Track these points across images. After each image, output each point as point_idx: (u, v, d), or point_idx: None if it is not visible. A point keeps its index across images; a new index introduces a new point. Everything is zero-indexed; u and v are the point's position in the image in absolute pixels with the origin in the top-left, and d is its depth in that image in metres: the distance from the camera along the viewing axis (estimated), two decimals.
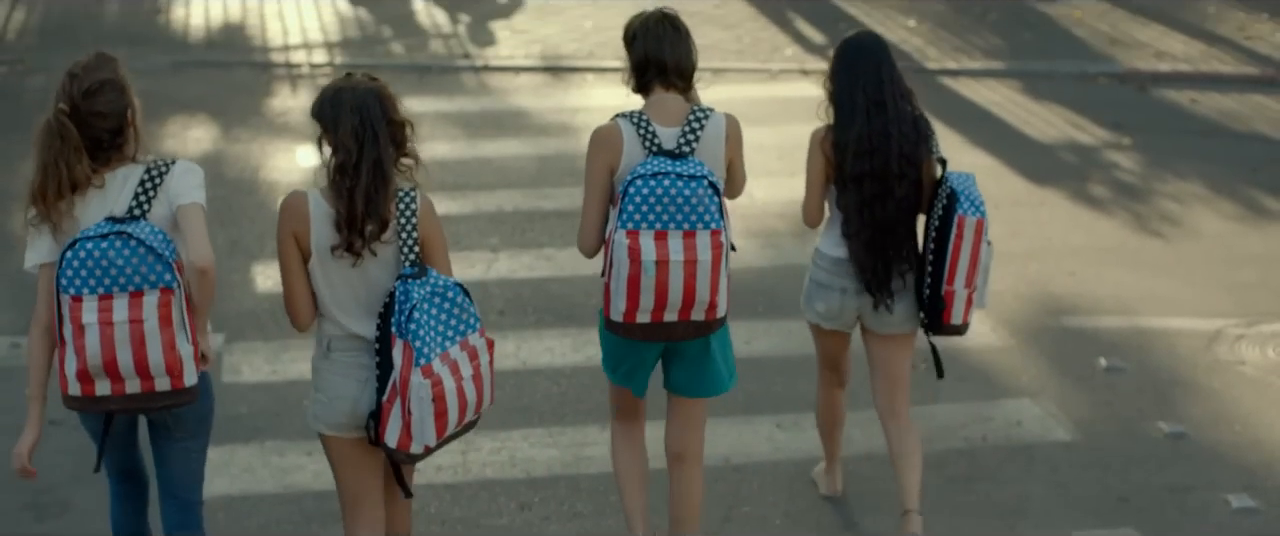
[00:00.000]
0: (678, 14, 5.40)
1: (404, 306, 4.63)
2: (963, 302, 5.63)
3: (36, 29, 13.21)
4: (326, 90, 4.84)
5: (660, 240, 5.02)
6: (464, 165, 10.15)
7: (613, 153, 5.21)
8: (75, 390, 4.69)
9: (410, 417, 4.64)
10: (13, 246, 8.91)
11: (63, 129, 4.75)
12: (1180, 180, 10.20)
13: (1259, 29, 13.75)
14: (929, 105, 11.58)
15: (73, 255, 4.60)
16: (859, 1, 14.42)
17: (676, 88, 5.31)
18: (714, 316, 5.18)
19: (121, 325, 4.59)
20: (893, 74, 5.69)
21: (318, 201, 4.76)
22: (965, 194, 5.58)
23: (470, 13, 13.88)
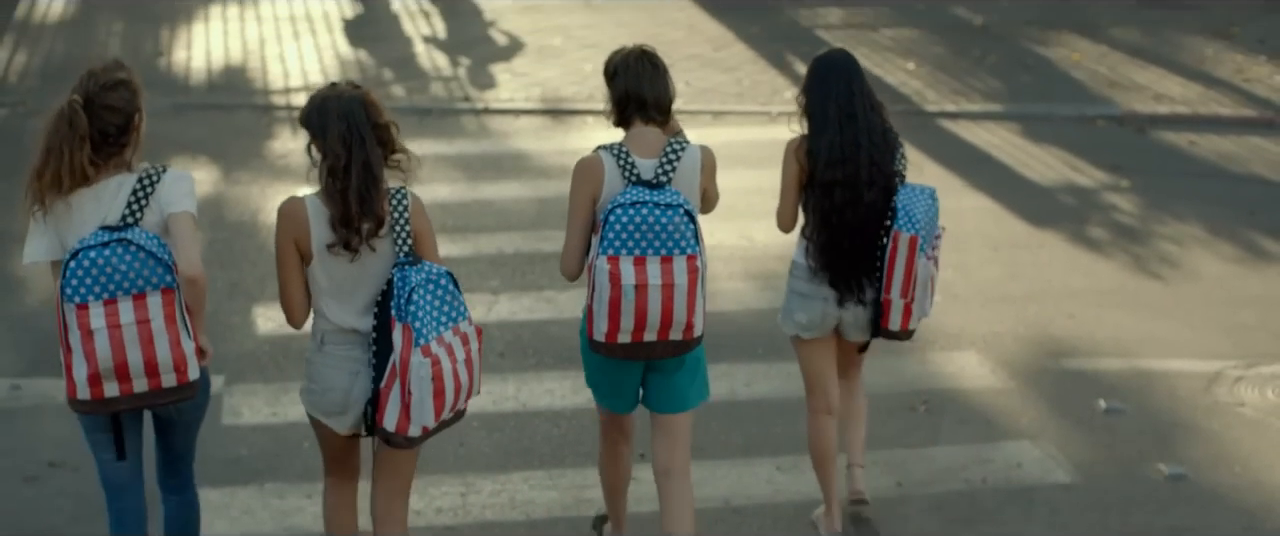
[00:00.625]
0: (656, 51, 5.69)
1: (403, 290, 4.91)
2: (899, 312, 5.96)
3: (38, 71, 13.24)
4: (314, 99, 5.12)
5: (639, 265, 5.32)
6: (464, 207, 10.17)
7: (594, 183, 5.49)
8: (84, 394, 4.86)
9: (409, 398, 4.89)
10: (13, 288, 8.93)
11: (74, 116, 4.97)
12: (1179, 222, 10.22)
13: (1257, 71, 13.79)
14: (928, 147, 11.70)
15: (77, 264, 4.79)
16: (857, 44, 14.46)
17: (655, 122, 5.59)
18: (691, 336, 5.47)
19: (129, 327, 4.79)
20: (863, 88, 6.01)
21: (315, 205, 5.04)
22: (904, 210, 5.87)
23: (470, 56, 13.92)
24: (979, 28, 15.13)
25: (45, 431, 7.30)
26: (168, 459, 5.44)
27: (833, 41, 14.45)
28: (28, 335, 8.28)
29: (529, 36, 14.54)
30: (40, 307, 8.63)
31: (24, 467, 6.97)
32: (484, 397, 7.62)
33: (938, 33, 14.92)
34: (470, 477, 6.92)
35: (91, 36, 14.29)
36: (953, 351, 8.25)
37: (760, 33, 14.57)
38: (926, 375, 7.98)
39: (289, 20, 15.00)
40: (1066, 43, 14.61)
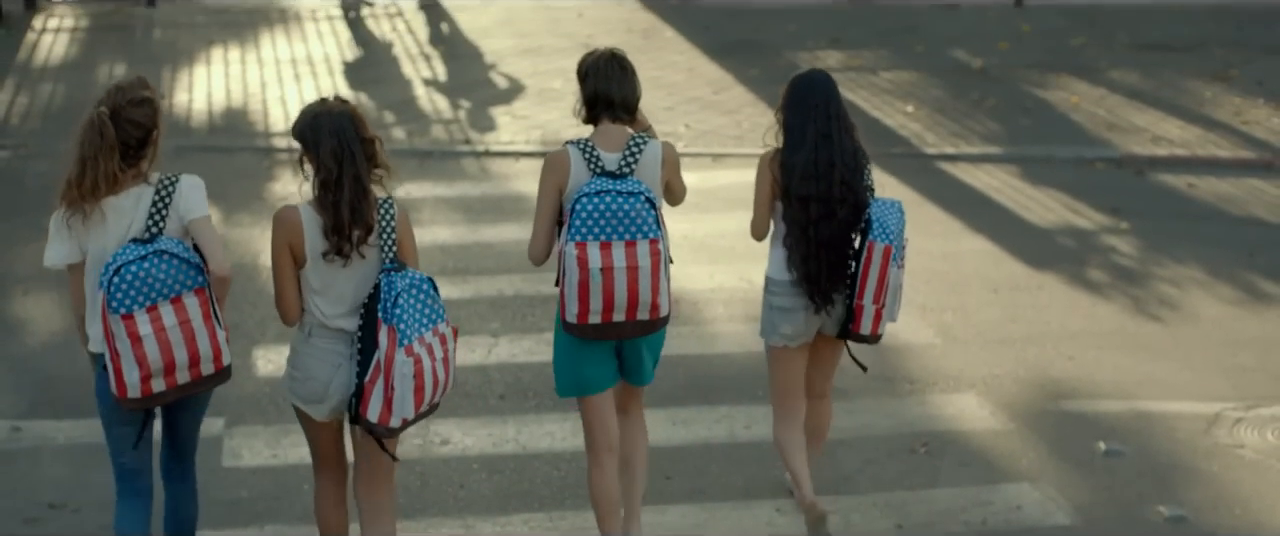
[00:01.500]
0: (625, 54, 6.09)
1: (389, 295, 5.34)
2: (870, 317, 6.31)
3: (40, 114, 13.28)
4: (305, 114, 5.56)
5: (604, 249, 5.76)
6: (464, 250, 10.19)
7: (561, 174, 5.92)
8: (136, 393, 5.35)
9: (392, 393, 5.33)
10: (13, 329, 8.95)
11: (103, 126, 5.38)
12: (1178, 264, 10.23)
13: (1255, 114, 13.83)
14: (927, 189, 11.73)
15: (120, 279, 5.23)
16: (857, 87, 14.51)
17: (622, 120, 6.02)
18: (658, 315, 5.93)
19: (173, 328, 5.31)
20: (839, 110, 6.37)
21: (308, 213, 5.47)
22: (879, 222, 6.22)
23: (471, 98, 13.97)
24: (978, 71, 15.18)
25: (45, 473, 7.31)
26: (174, 447, 5.87)
27: None
28: (28, 377, 8.29)
29: (529, 79, 14.59)
30: (41, 349, 8.65)
31: (24, 509, 6.97)
32: (484, 439, 7.63)
33: (937, 75, 14.97)
34: (470, 520, 6.92)
35: (92, 79, 14.33)
36: (953, 393, 8.25)
37: (760, 75, 14.62)
38: (926, 417, 7.99)
39: (290, 63, 15.05)
40: (1065, 85, 14.65)
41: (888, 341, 8.82)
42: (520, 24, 16.78)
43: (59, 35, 16.10)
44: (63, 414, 7.85)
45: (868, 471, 7.40)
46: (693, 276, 9.63)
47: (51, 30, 16.30)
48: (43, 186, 11.29)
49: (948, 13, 17.76)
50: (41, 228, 10.59)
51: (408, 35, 16.39)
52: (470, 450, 7.56)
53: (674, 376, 8.36)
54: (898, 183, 11.89)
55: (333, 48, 15.76)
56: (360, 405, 5.42)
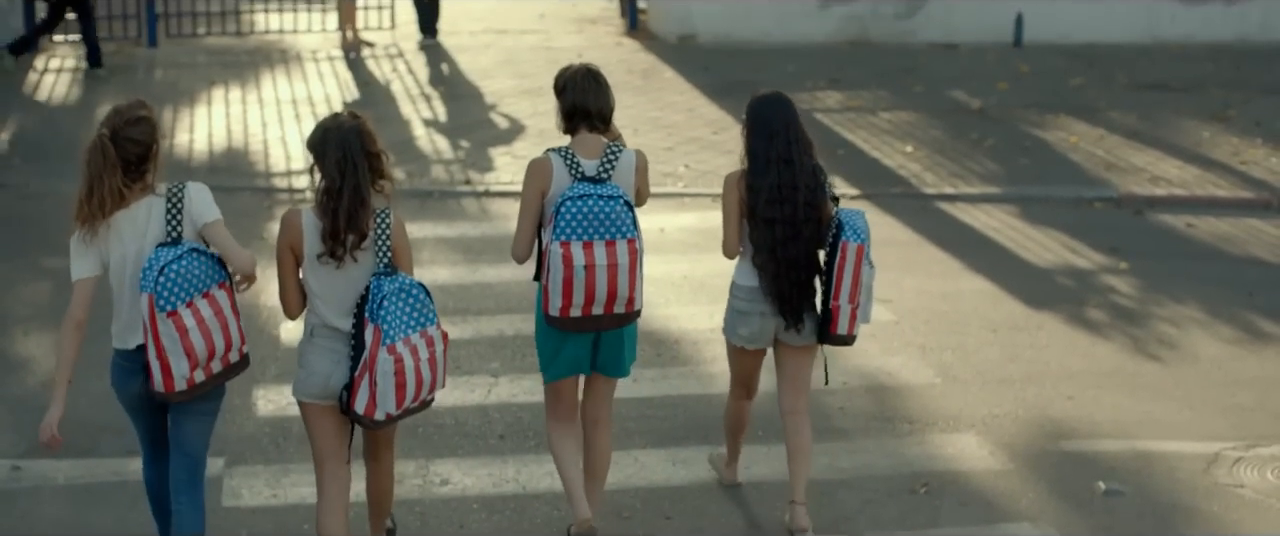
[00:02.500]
0: (598, 68, 6.58)
1: (376, 297, 5.78)
2: (847, 316, 6.66)
3: (41, 154, 13.30)
4: (319, 127, 5.98)
5: (587, 248, 6.20)
6: (464, 290, 10.21)
7: (544, 179, 6.37)
8: (183, 385, 5.81)
9: (375, 389, 5.75)
10: (14, 369, 8.95)
11: (104, 148, 5.80)
12: (1177, 304, 10.24)
13: (1253, 154, 13.87)
14: (925, 229, 11.76)
15: (165, 278, 5.68)
16: (856, 127, 14.56)
17: (598, 129, 6.47)
18: (632, 309, 6.40)
19: (211, 319, 5.81)
20: (798, 133, 6.73)
21: (310, 218, 5.91)
22: (850, 225, 6.61)
23: (471, 139, 14.00)
24: (977, 111, 15.22)
25: (45, 512, 7.31)
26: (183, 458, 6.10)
27: (832, 125, 14.56)
28: (28, 416, 8.28)
29: (529, 120, 14.63)
30: (41, 389, 8.65)
31: None
32: (484, 479, 7.63)
33: (936, 116, 15.00)
34: None
35: (92, 118, 14.30)
36: (952, 433, 8.25)
37: None
38: (926, 457, 7.99)
39: (290, 103, 15.10)
40: (1064, 126, 14.69)
41: (887, 381, 8.85)
42: (520, 65, 16.83)
43: (60, 75, 16.14)
44: (63, 453, 7.84)
45: (867, 511, 7.39)
46: (692, 316, 9.64)
47: (53, 70, 16.35)
48: (41, 226, 11.34)
49: (947, 53, 17.82)
50: (42, 268, 10.65)
51: (408, 75, 16.44)
52: (470, 490, 7.56)
53: (674, 417, 8.37)
54: (897, 222, 11.92)
55: (333, 88, 15.81)
56: (349, 398, 5.87)
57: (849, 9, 18.26)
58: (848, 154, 13.69)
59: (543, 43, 17.89)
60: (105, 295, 6.01)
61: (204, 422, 6.10)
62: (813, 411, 8.41)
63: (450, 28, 18.28)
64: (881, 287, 10.33)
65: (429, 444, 8.00)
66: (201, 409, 6.05)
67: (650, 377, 8.87)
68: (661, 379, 8.87)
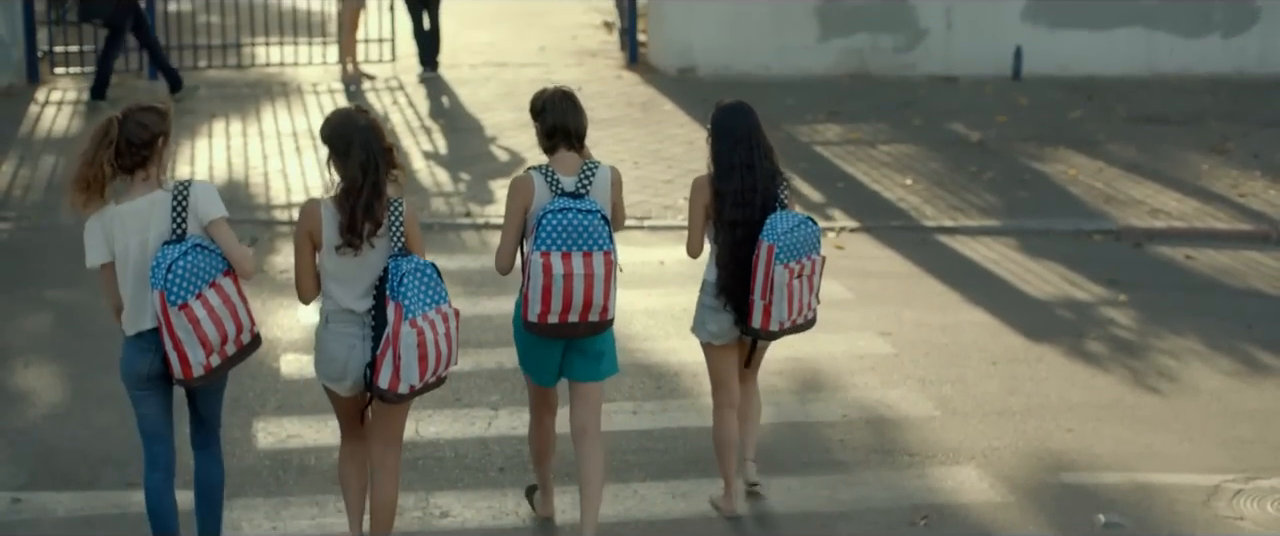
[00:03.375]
0: (573, 89, 6.99)
1: (396, 276, 6.22)
2: (760, 312, 7.09)
3: (41, 186, 13.33)
4: (335, 122, 6.44)
5: (566, 258, 6.62)
6: (465, 322, 10.12)
7: (526, 195, 6.81)
8: (200, 371, 6.24)
9: (399, 362, 6.18)
10: (14, 401, 8.96)
11: (108, 127, 6.20)
12: (1176, 336, 10.25)
13: (1252, 186, 13.89)
14: (925, 262, 11.78)
15: (173, 274, 6.07)
16: (855, 160, 14.59)
17: (574, 148, 6.88)
18: (605, 318, 6.80)
19: (220, 307, 6.21)
20: (760, 139, 7.16)
21: (329, 208, 6.36)
22: (770, 225, 7.03)
23: (471, 171, 14.03)
24: (976, 144, 15.25)
25: None
26: (200, 421, 6.65)
27: (832, 158, 14.59)
28: (28, 448, 8.29)
29: (529, 153, 14.63)
30: (41, 421, 8.66)
31: None
32: (484, 512, 7.63)
33: (935, 149, 15.03)
34: None
35: None
36: (952, 466, 8.26)
37: None
38: (926, 489, 7.99)
39: (291, 136, 15.12)
40: (1063, 158, 14.72)
41: (886, 413, 8.86)
42: (520, 98, 16.80)
43: (62, 108, 16.18)
44: (62, 486, 7.85)
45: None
46: (693, 349, 9.61)
47: (54, 103, 16.39)
48: (44, 259, 11.35)
49: (946, 86, 17.86)
50: (43, 300, 10.67)
51: (408, 108, 16.48)
52: (470, 523, 7.56)
53: (674, 449, 8.37)
54: (896, 255, 11.94)
55: None
56: (372, 375, 6.31)
57: (848, 42, 18.31)
58: (847, 186, 13.71)
59: (543, 76, 17.91)
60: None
61: (218, 393, 6.63)
62: (811, 444, 8.44)
63: (451, 61, 18.32)
64: (881, 320, 10.38)
65: (429, 476, 8.00)
66: (217, 387, 6.57)
67: (650, 410, 8.88)
68: (661, 412, 8.88)
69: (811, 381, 9.38)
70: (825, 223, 12.64)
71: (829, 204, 13.16)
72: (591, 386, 7.06)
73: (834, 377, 9.43)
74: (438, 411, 8.78)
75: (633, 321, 10.19)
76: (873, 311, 10.59)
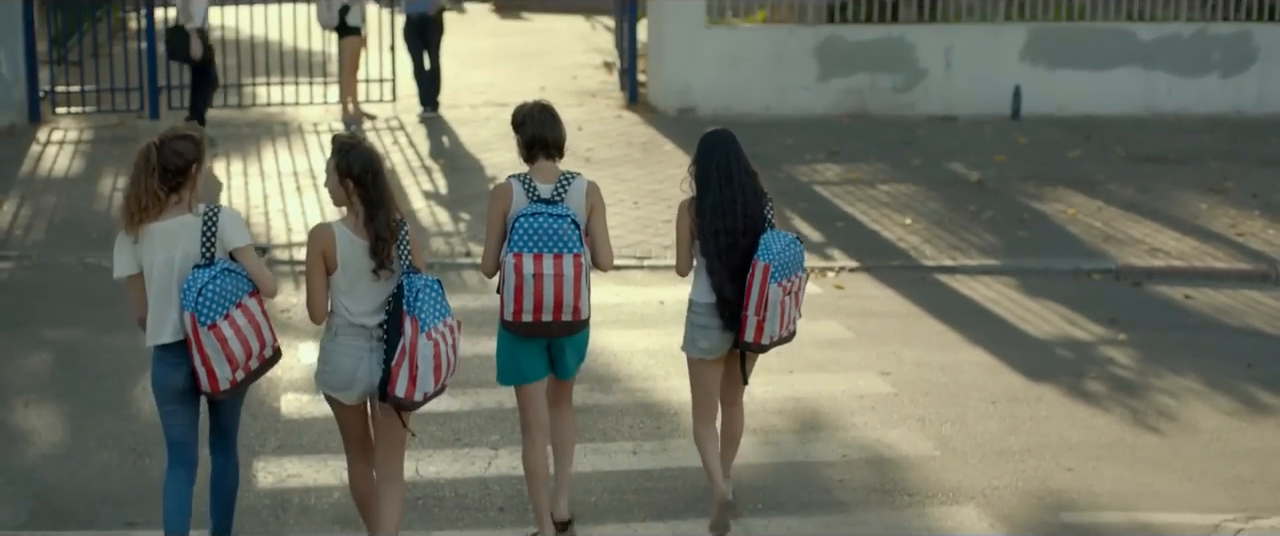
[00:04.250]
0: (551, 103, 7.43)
1: (411, 292, 6.61)
2: (753, 327, 7.37)
3: (43, 226, 13.36)
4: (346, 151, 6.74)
5: (537, 260, 7.03)
6: (465, 362, 10.16)
7: (505, 202, 7.20)
8: (227, 385, 6.69)
9: (416, 372, 6.58)
10: (14, 440, 8.96)
11: (149, 154, 6.70)
12: (1176, 375, 10.26)
13: (1250, 226, 13.92)
14: (925, 301, 11.78)
15: (203, 297, 6.53)
16: (855, 200, 14.62)
17: (553, 158, 7.31)
18: (579, 317, 7.20)
19: (246, 326, 6.68)
20: (739, 157, 7.46)
21: (342, 231, 6.74)
22: (764, 245, 7.33)
23: (471, 211, 14.05)
24: (975, 183, 15.28)
25: None
26: (219, 428, 7.09)
27: (831, 198, 14.63)
28: (28, 488, 8.29)
29: None
30: (41, 460, 8.66)
31: None
32: None
33: (934, 189, 15.07)
34: None
35: (95, 191, 14.44)
36: (952, 506, 8.25)
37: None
38: (926, 529, 7.99)
39: (292, 175, 15.16)
40: (1062, 198, 14.75)
41: (886, 453, 8.86)
42: None
43: (63, 147, 16.23)
44: (62, 525, 7.85)
45: None
46: None
47: (56, 142, 16.43)
48: (45, 298, 11.37)
49: (945, 126, 17.91)
50: (43, 339, 10.67)
51: (409, 148, 16.52)
52: None
53: (674, 489, 8.37)
54: (896, 294, 11.96)
55: None
56: (389, 385, 6.62)
57: (848, 82, 18.38)
58: (847, 226, 13.74)
59: None
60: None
61: (236, 404, 7.10)
62: (811, 484, 8.45)
63: (451, 101, 18.38)
64: (881, 359, 10.39)
65: (429, 516, 8.00)
66: (236, 399, 7.04)
67: (650, 450, 8.88)
68: (662, 451, 8.88)
69: (811, 421, 9.38)
70: (825, 262, 12.67)
71: (829, 243, 13.18)
72: (568, 382, 7.65)
73: (834, 417, 9.44)
74: (438, 451, 8.78)
75: (632, 361, 10.19)
76: (872, 351, 10.60)
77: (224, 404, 6.99)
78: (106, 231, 13.05)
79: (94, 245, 12.62)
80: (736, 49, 18.29)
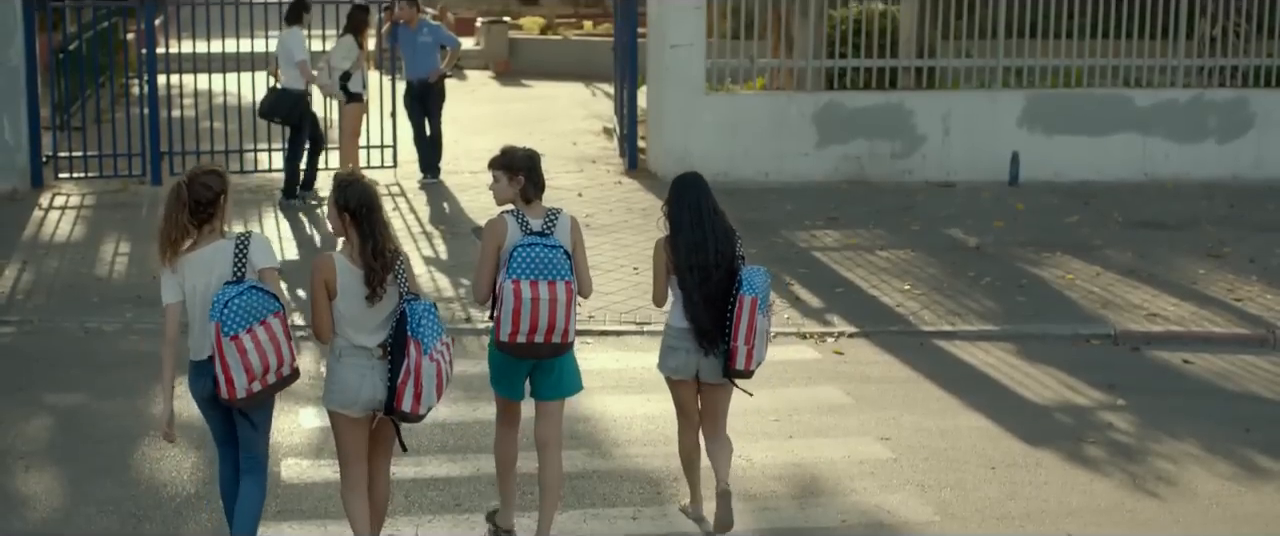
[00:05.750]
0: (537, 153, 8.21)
1: (413, 318, 7.34)
2: (743, 355, 8.17)
3: (45, 290, 13.39)
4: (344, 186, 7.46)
5: (532, 285, 7.76)
6: (464, 428, 10.23)
7: (501, 235, 7.97)
8: (243, 393, 7.30)
9: (420, 390, 7.34)
10: (15, 505, 8.96)
11: (179, 190, 7.40)
12: (1175, 440, 10.27)
13: (1248, 291, 13.95)
14: (924, 367, 11.79)
15: (230, 309, 7.17)
16: (854, 265, 14.66)
17: (537, 198, 8.10)
18: (566, 340, 7.91)
19: (266, 342, 7.27)
20: (709, 199, 8.28)
21: (341, 261, 7.45)
22: (748, 281, 8.16)
23: (471, 277, 14.06)
24: (974, 249, 15.33)
25: None
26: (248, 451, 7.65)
27: (831, 263, 14.67)
28: None
29: None
30: (42, 524, 8.66)
31: None
32: None
33: (933, 254, 15.11)
34: None
35: (97, 257, 14.48)
36: None
37: (759, 254, 14.74)
38: None
39: (293, 241, 15.20)
40: (1060, 263, 14.80)
41: (886, 518, 8.86)
42: None
43: (65, 212, 16.28)
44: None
45: None
46: None
47: (58, 207, 16.49)
48: (46, 362, 11.39)
49: (943, 191, 17.98)
50: (44, 404, 10.68)
51: (409, 214, 16.58)
52: None
53: None
54: (894, 360, 11.97)
55: None
56: (396, 401, 7.35)
57: (846, 148, 18.47)
58: (846, 291, 13.77)
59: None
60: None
61: (262, 426, 7.64)
62: None
63: (452, 166, 18.45)
64: (880, 425, 10.40)
65: None
66: (259, 416, 7.57)
67: (650, 516, 8.88)
68: (661, 516, 8.88)
69: (810, 486, 9.39)
70: (824, 328, 12.69)
71: (828, 309, 13.21)
72: (553, 404, 8.19)
73: (832, 482, 9.44)
74: (438, 516, 8.79)
75: (632, 426, 10.21)
76: (871, 416, 10.62)
77: (251, 424, 7.55)
78: (107, 296, 13.09)
79: (95, 310, 12.65)
80: (736, 115, 18.39)
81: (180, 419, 9.89)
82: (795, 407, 10.70)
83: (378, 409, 7.52)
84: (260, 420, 7.61)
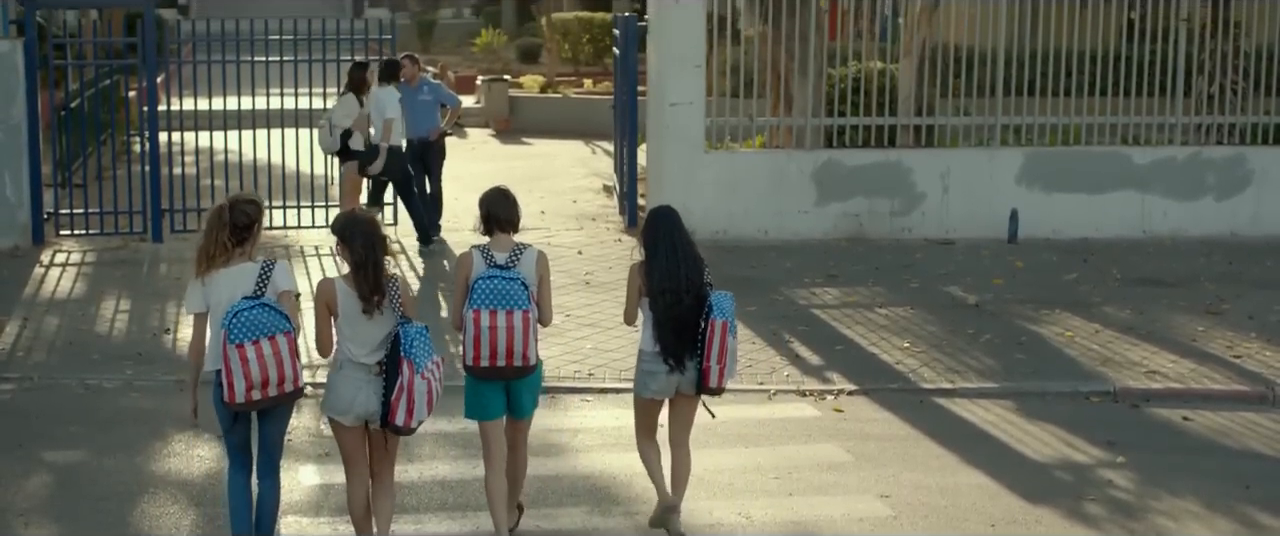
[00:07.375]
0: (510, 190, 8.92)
1: (407, 340, 8.11)
2: (716, 374, 8.85)
3: (45, 347, 13.41)
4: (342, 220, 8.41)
5: (492, 314, 8.52)
6: (464, 485, 10.23)
7: (467, 268, 8.72)
8: (242, 398, 7.99)
9: (413, 405, 8.09)
10: None
11: (221, 213, 8.20)
12: (1175, 497, 10.26)
13: (1247, 347, 13.96)
14: (924, 425, 11.80)
15: (237, 320, 7.92)
16: (853, 323, 14.67)
17: (507, 232, 8.79)
18: (528, 363, 8.64)
19: (269, 357, 7.95)
20: (681, 231, 8.95)
21: (341, 284, 8.26)
22: (718, 306, 8.81)
23: None
24: (973, 306, 15.34)
25: None
26: (263, 452, 8.40)
27: (830, 321, 14.68)
28: None
29: None
30: None
31: None
32: None
33: (932, 312, 15.13)
34: None
35: (97, 314, 14.49)
36: None
37: (758, 311, 14.78)
38: None
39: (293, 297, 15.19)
40: (1059, 320, 14.81)
41: None
42: None
43: (66, 269, 16.31)
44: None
45: None
46: (693, 511, 9.66)
47: (59, 264, 16.52)
48: (46, 419, 11.39)
49: (942, 249, 18.01)
50: (42, 461, 10.68)
51: (409, 271, 16.60)
52: None
53: None
54: (894, 417, 11.97)
55: None
56: (390, 415, 8.11)
57: (845, 206, 18.51)
58: (846, 349, 13.78)
59: (543, 239, 18.06)
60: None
61: (279, 427, 8.42)
62: None
63: (453, 224, 18.48)
64: (880, 482, 10.40)
65: None
66: (278, 415, 8.35)
67: None
68: None
69: None
70: (824, 386, 12.70)
71: (827, 366, 13.22)
72: (524, 421, 9.03)
73: None
74: None
75: (632, 484, 10.20)
76: (871, 474, 10.61)
77: (267, 427, 8.30)
78: (108, 353, 13.10)
79: (95, 367, 12.66)
80: (735, 173, 18.44)
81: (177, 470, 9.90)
82: (795, 465, 10.69)
83: (371, 419, 8.25)
84: (283, 416, 8.37)
